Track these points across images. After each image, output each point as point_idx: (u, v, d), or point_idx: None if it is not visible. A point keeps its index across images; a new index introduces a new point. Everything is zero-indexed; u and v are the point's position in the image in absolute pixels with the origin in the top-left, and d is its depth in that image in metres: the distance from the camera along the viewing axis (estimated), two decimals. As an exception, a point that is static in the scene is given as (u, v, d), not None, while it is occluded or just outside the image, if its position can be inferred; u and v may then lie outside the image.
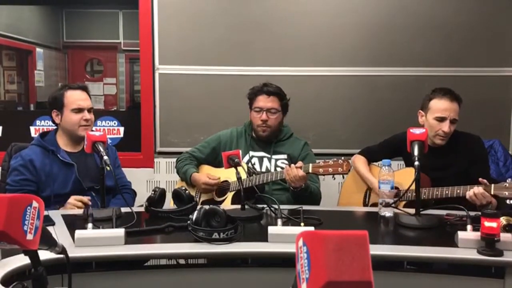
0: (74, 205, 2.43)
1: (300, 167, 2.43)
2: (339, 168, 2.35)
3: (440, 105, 2.57)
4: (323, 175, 2.42)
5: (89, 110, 2.62)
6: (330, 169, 2.37)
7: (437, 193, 2.40)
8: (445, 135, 2.56)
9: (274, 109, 2.81)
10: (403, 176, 2.54)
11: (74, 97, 2.59)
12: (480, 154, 2.66)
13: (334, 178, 2.41)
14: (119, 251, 1.80)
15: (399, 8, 3.60)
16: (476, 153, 2.63)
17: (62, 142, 2.63)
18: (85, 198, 2.47)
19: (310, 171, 2.42)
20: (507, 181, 2.20)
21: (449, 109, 2.55)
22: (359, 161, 2.85)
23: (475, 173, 2.43)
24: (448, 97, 2.57)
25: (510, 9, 3.57)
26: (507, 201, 2.17)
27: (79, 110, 2.58)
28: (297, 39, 3.61)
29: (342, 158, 2.38)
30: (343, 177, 2.39)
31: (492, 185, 2.24)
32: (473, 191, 2.27)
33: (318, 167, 2.41)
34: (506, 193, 2.18)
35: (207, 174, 2.77)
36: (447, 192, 2.38)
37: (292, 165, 2.46)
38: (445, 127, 2.53)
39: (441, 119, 2.55)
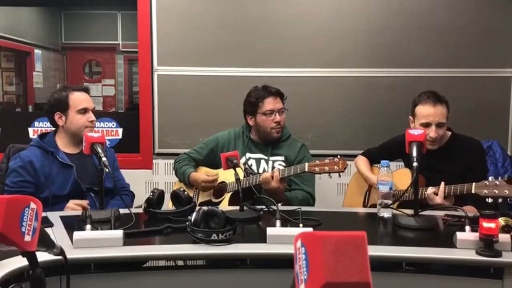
0: (73, 209, 2.43)
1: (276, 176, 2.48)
2: (335, 166, 2.35)
3: (423, 111, 2.54)
4: (319, 173, 2.41)
5: (92, 111, 2.66)
6: (326, 167, 2.37)
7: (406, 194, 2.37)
8: (432, 140, 2.53)
9: (283, 109, 2.86)
10: (398, 176, 2.53)
11: (80, 99, 2.62)
12: (477, 160, 2.61)
13: (330, 177, 2.40)
14: (117, 253, 1.80)
15: (398, 9, 3.60)
16: (473, 159, 2.58)
17: (62, 144, 2.63)
18: (84, 203, 2.47)
19: (306, 169, 2.42)
20: (489, 179, 2.17)
21: (433, 114, 2.51)
22: (361, 161, 2.86)
23: (471, 179, 2.42)
24: (431, 101, 2.52)
25: (508, 10, 3.58)
26: (487, 200, 2.14)
27: (85, 111, 2.61)
28: (296, 41, 3.62)
29: (338, 156, 2.38)
30: (339, 175, 2.38)
31: (473, 183, 2.23)
32: (426, 193, 2.33)
33: (314, 166, 2.40)
34: (486, 191, 2.16)
35: (205, 172, 2.83)
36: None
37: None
38: (431, 132, 2.50)
39: (426, 125, 2.52)
